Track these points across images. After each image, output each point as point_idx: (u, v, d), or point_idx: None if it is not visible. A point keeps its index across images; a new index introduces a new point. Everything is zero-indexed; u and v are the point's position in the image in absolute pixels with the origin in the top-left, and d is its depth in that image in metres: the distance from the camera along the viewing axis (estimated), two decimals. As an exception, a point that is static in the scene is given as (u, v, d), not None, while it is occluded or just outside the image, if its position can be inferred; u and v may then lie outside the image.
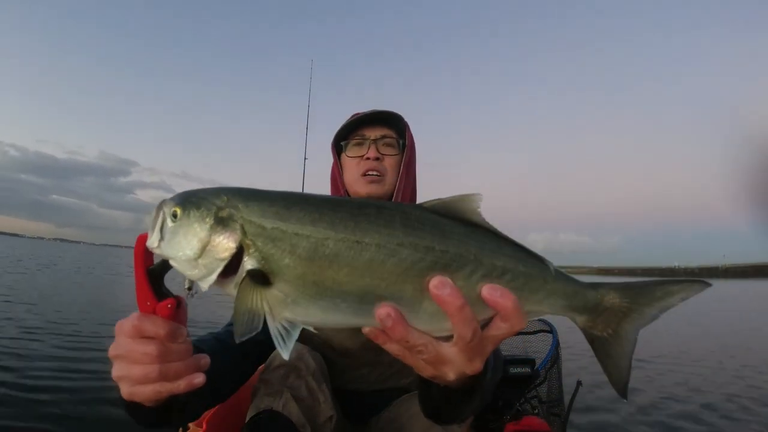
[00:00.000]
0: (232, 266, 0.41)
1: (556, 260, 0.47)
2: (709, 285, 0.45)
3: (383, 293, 0.39)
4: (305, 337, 1.12)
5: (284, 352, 0.40)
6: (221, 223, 0.41)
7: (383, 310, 0.38)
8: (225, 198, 0.43)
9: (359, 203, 0.43)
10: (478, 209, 0.43)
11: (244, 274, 0.40)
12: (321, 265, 0.39)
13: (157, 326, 0.49)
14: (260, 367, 0.97)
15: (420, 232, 0.40)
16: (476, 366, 0.44)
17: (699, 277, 0.50)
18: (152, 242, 0.45)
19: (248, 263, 0.40)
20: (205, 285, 0.43)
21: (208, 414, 1.19)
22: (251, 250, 0.40)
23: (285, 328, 0.41)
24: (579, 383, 1.60)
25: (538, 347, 1.87)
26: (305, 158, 3.15)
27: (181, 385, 0.51)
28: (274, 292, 0.40)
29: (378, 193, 1.05)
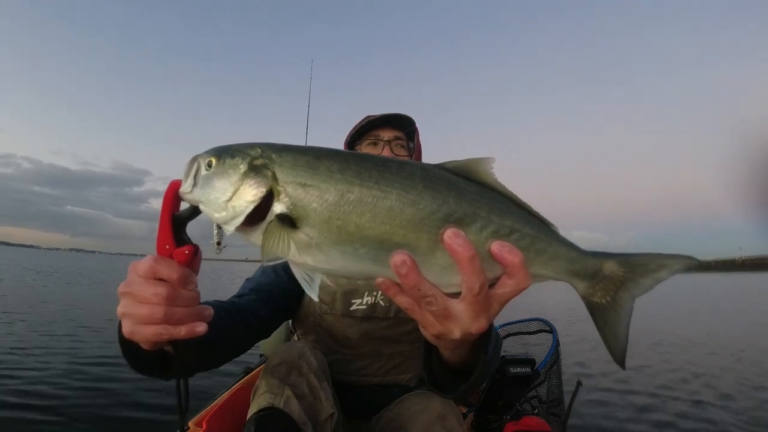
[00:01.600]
0: (259, 213, 0.43)
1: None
2: (697, 261, 0.48)
3: (400, 241, 0.42)
4: (309, 328, 1.12)
5: (313, 294, 0.45)
6: (254, 170, 0.44)
7: (399, 257, 0.41)
8: (259, 150, 0.45)
9: (383, 159, 0.46)
10: (492, 171, 0.46)
11: (272, 218, 0.43)
12: (346, 210, 0.41)
13: (171, 270, 0.50)
14: (261, 366, 0.97)
15: (438, 186, 0.43)
16: (481, 324, 0.45)
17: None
18: (186, 188, 0.47)
19: (277, 207, 0.43)
20: (231, 227, 0.45)
21: (208, 414, 1.19)
22: (281, 196, 0.43)
23: (308, 275, 0.46)
24: (579, 383, 1.61)
25: (538, 347, 1.88)
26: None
27: (182, 331, 0.51)
28: (300, 236, 0.43)
29: None
